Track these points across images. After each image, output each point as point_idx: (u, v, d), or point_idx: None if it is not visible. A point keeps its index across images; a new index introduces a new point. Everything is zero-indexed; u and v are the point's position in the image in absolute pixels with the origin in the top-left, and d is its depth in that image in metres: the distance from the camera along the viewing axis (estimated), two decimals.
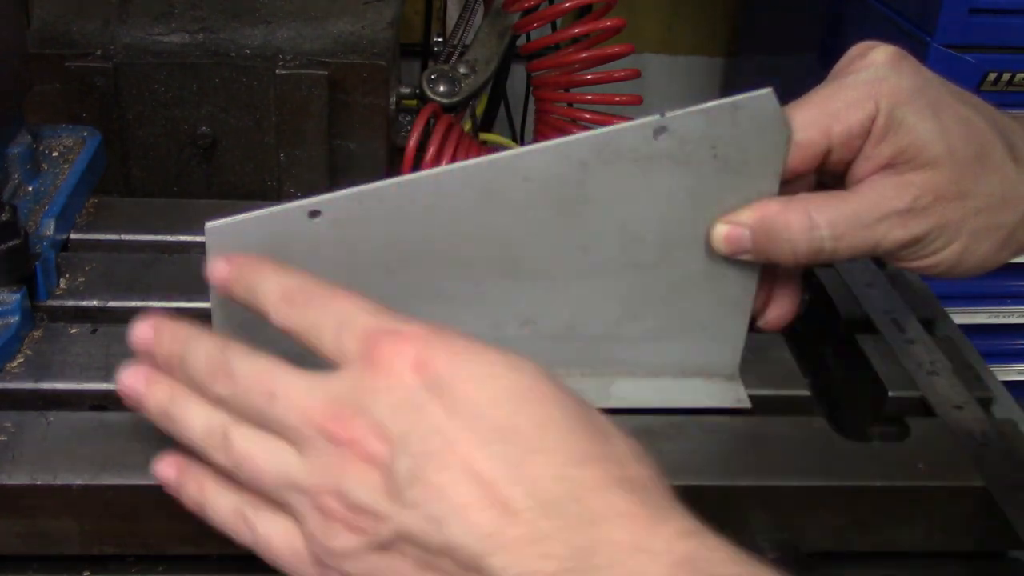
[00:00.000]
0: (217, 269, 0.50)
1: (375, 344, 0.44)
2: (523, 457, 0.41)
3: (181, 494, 0.49)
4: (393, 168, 1.00)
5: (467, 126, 1.20)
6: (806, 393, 0.63)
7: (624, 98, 1.15)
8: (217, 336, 0.49)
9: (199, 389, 0.48)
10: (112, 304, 0.65)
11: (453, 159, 1.01)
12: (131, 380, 0.49)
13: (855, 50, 0.56)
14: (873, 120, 0.53)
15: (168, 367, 0.49)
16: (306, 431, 0.44)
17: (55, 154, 0.74)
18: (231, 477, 0.47)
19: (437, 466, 0.41)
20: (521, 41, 1.18)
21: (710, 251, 0.57)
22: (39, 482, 0.51)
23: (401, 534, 0.42)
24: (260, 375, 0.46)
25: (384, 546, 0.42)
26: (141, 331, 0.50)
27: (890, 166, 0.53)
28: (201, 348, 0.48)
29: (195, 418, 0.47)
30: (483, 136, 1.35)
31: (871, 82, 0.53)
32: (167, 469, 0.50)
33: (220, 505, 0.48)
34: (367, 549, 0.43)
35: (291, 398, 0.45)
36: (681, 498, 0.44)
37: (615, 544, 0.40)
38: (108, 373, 0.58)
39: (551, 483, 0.41)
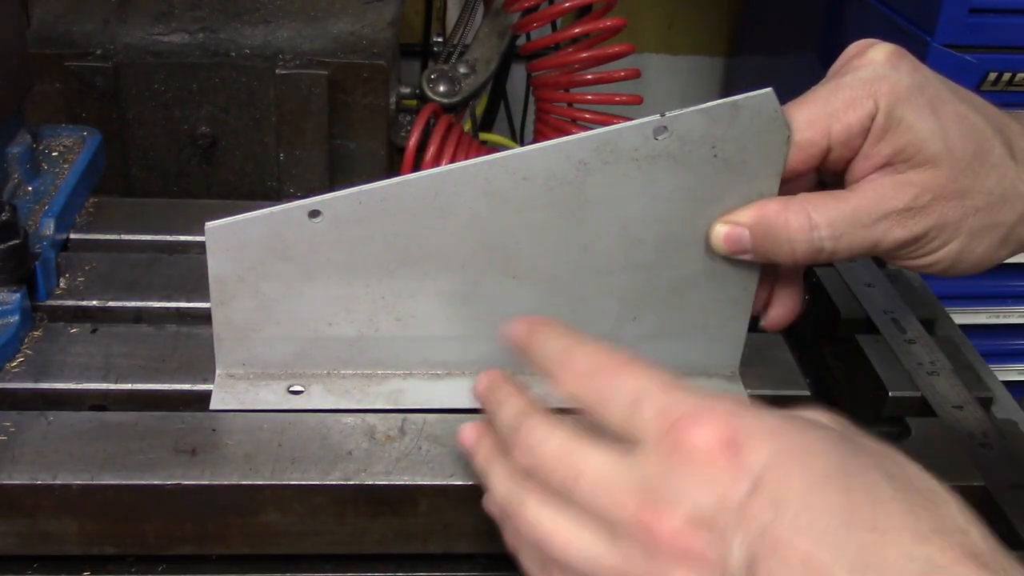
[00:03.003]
0: (515, 328, 0.51)
1: (676, 423, 0.42)
2: (867, 540, 0.38)
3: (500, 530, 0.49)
4: (393, 168, 1.00)
5: (467, 126, 1.20)
6: (806, 393, 0.63)
7: (624, 98, 1.15)
8: (520, 399, 0.48)
9: (505, 451, 0.48)
10: (112, 304, 0.65)
11: (453, 159, 1.01)
12: (469, 431, 0.51)
13: (853, 48, 0.56)
14: (872, 119, 0.53)
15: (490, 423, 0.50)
16: (618, 517, 0.42)
17: (55, 154, 0.74)
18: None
19: (775, 566, 0.38)
20: (521, 41, 1.18)
21: (710, 251, 0.57)
22: (39, 482, 0.51)
23: None
24: (562, 450, 0.45)
25: None
26: (479, 382, 0.51)
27: (889, 165, 0.53)
28: (504, 412, 0.48)
29: (497, 483, 0.47)
30: (483, 136, 1.35)
31: (870, 80, 0.53)
32: (490, 506, 0.49)
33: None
34: None
35: (598, 479, 0.43)
36: None
37: None
38: (108, 373, 0.59)
39: (904, 563, 0.37)
